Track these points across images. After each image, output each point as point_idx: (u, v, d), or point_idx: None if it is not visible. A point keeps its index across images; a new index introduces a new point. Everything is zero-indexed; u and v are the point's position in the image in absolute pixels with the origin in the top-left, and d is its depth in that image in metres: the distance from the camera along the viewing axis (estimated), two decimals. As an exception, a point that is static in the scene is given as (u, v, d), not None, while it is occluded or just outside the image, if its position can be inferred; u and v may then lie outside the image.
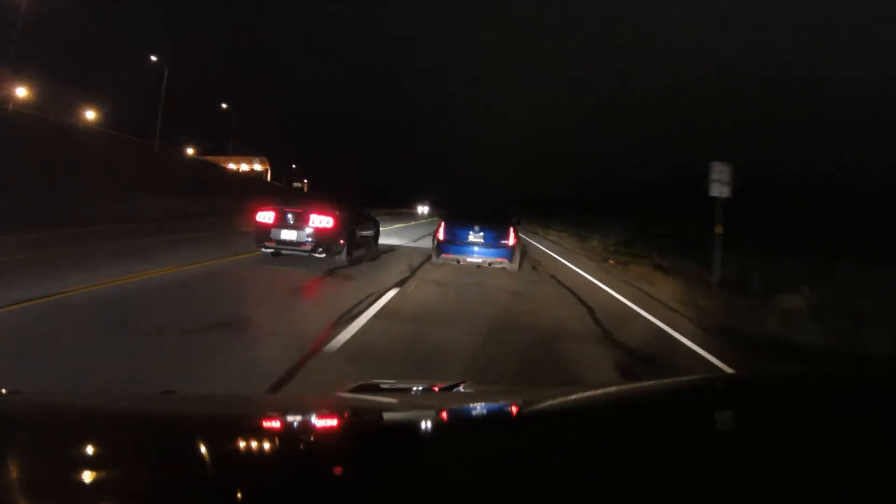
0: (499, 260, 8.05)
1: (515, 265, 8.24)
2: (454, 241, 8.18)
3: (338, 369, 3.20)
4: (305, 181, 64.44)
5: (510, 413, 0.97)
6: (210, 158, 46.27)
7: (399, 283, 6.69)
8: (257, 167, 55.82)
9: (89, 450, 0.64)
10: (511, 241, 8.12)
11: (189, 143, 47.06)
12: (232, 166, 48.38)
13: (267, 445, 0.70)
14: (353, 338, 3.94)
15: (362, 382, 1.36)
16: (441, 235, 8.28)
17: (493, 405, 1.07)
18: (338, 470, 0.57)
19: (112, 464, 0.58)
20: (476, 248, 8.06)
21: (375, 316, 4.72)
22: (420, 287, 6.74)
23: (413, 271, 8.04)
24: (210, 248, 8.55)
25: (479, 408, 1.03)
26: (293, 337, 3.79)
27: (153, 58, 25.98)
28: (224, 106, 45.09)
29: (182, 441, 0.68)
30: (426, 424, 0.90)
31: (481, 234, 8.08)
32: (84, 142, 17.52)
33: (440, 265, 8.48)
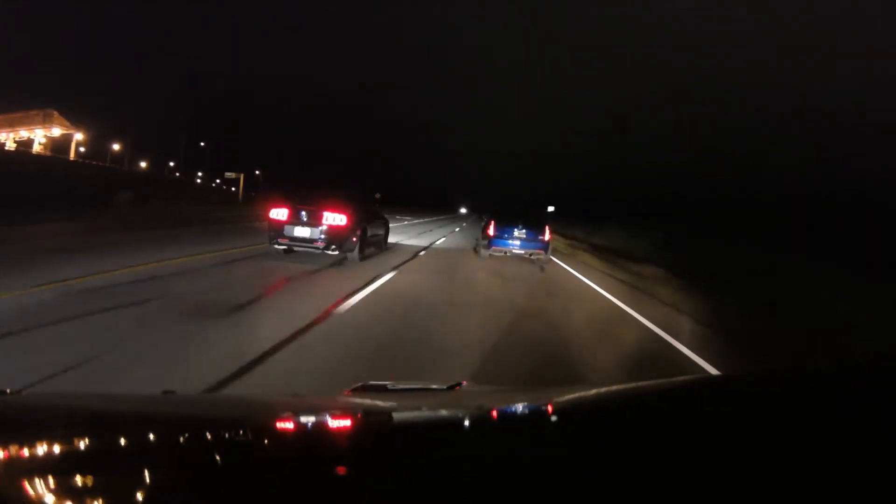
0: (537, 251, 10.02)
1: (549, 256, 10.42)
2: (502, 237, 9.92)
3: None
4: (258, 172, 49.87)
5: (514, 413, 0.98)
6: None
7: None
8: (56, 131, 31.88)
9: (89, 450, 0.64)
10: (547, 236, 10.09)
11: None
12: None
13: (267, 446, 0.70)
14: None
15: (362, 383, 1.37)
16: (491, 231, 9.98)
17: (497, 406, 1.08)
18: (341, 470, 0.57)
19: (112, 464, 0.58)
20: (519, 242, 9.90)
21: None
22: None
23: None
24: None
25: (482, 408, 1.05)
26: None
27: None
28: None
29: (182, 441, 0.67)
30: (430, 424, 0.91)
31: (524, 231, 9.95)
32: None
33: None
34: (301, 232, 7.52)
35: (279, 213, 7.62)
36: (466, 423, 0.89)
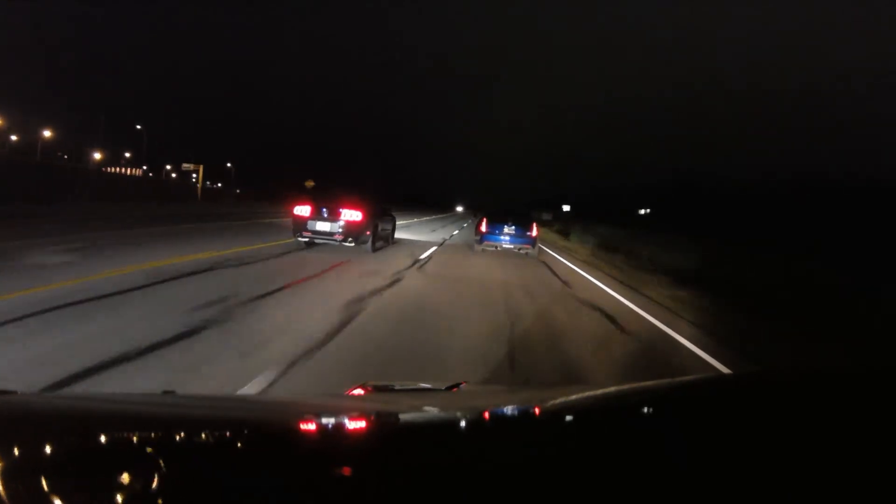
0: (525, 247, 11.23)
1: (536, 250, 11.57)
2: (493, 233, 11.25)
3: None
4: (229, 165, 51.09)
5: (514, 413, 0.99)
6: None
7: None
8: None
9: (88, 451, 0.63)
10: (534, 233, 11.37)
11: None
12: None
13: (268, 446, 0.69)
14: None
15: (362, 383, 1.38)
16: (483, 228, 11.34)
17: (495, 407, 1.10)
18: (340, 470, 0.57)
19: (111, 465, 0.57)
20: (509, 238, 11.16)
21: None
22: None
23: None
24: None
25: (482, 409, 1.06)
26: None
27: None
28: None
29: (182, 441, 0.68)
30: (429, 426, 0.92)
31: (513, 227, 11.21)
32: None
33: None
34: (322, 226, 8.68)
35: (303, 210, 8.79)
36: (464, 424, 0.90)
